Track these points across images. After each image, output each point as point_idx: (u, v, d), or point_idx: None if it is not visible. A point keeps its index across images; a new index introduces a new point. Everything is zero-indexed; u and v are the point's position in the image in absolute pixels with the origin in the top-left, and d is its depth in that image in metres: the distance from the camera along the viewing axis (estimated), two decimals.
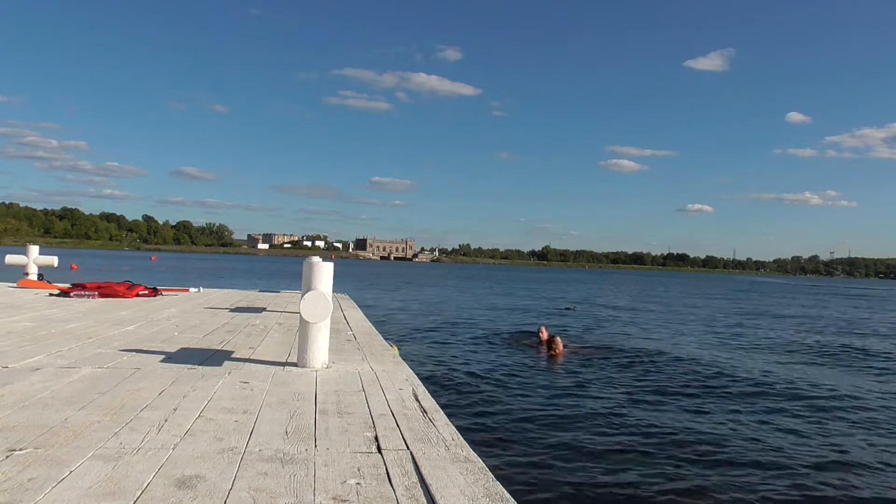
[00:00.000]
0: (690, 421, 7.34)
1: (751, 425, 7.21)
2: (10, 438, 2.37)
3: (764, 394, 9.04)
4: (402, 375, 3.98)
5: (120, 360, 4.06)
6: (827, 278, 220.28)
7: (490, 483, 2.13)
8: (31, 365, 3.80)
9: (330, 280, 4.09)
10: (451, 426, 2.82)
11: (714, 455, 6.05)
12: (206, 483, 2.02)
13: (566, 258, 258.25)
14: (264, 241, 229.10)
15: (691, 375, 10.34)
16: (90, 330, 5.44)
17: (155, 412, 2.84)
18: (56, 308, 7.08)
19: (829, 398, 8.90)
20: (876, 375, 11.28)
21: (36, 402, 2.93)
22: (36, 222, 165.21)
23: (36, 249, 10.54)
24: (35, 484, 1.95)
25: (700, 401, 8.39)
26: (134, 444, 2.38)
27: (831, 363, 12.59)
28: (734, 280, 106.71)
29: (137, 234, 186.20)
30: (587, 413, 7.48)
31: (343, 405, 3.13)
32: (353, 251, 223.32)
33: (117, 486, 1.96)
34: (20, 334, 5.00)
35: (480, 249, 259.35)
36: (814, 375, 10.82)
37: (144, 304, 8.08)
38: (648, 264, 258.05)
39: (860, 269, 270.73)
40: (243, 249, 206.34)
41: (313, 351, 4.04)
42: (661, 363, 11.51)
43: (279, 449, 2.40)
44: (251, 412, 2.91)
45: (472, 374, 9.72)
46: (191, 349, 4.68)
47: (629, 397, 8.39)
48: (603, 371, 10.48)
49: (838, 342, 16.18)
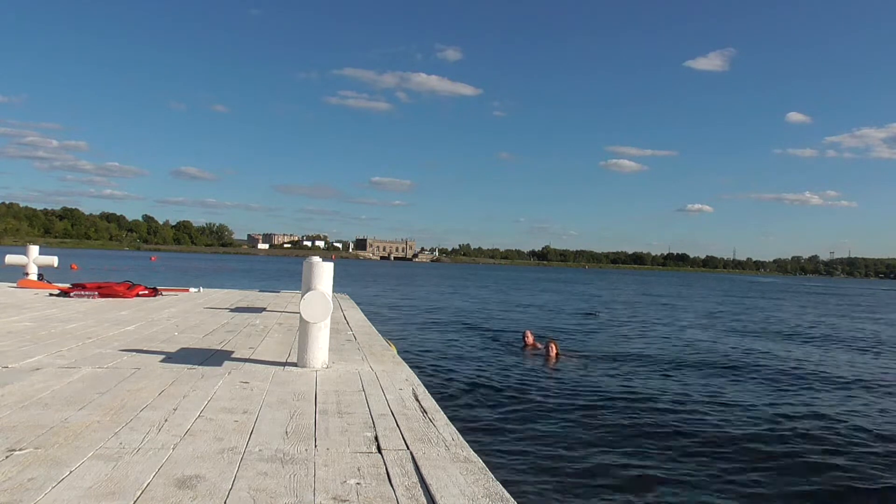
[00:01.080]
0: (692, 423, 7.34)
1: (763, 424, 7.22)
2: (10, 438, 2.37)
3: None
4: (402, 375, 3.98)
5: (120, 360, 4.06)
6: (827, 278, 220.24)
7: (490, 483, 2.13)
8: (31, 365, 3.80)
9: (330, 280, 4.09)
10: (451, 426, 2.82)
11: (714, 457, 6.06)
12: (206, 483, 2.02)
13: (566, 258, 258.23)
14: (264, 241, 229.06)
15: (702, 381, 10.35)
16: (90, 330, 5.44)
17: (155, 412, 2.84)
18: (56, 308, 7.08)
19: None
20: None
21: (36, 402, 2.93)
22: (36, 222, 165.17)
23: (36, 249, 10.54)
24: (35, 484, 1.95)
25: (707, 406, 8.39)
26: (134, 444, 2.38)
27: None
28: (747, 281, 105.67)
29: (137, 234, 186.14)
30: (586, 415, 7.48)
31: (343, 405, 3.13)
32: (353, 251, 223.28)
33: (117, 486, 1.96)
34: (20, 334, 5.00)
35: (480, 249, 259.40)
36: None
37: (144, 304, 8.08)
38: (648, 264, 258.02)
39: (860, 269, 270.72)
40: (243, 249, 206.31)
41: (313, 351, 4.04)
42: (662, 368, 11.51)
43: (279, 449, 2.40)
44: (251, 412, 2.91)
45: (472, 375, 9.72)
46: (191, 349, 4.68)
47: (628, 400, 8.39)
48: (601, 375, 10.48)
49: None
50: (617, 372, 10.50)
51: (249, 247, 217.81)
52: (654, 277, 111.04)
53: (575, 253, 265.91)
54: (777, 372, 11.03)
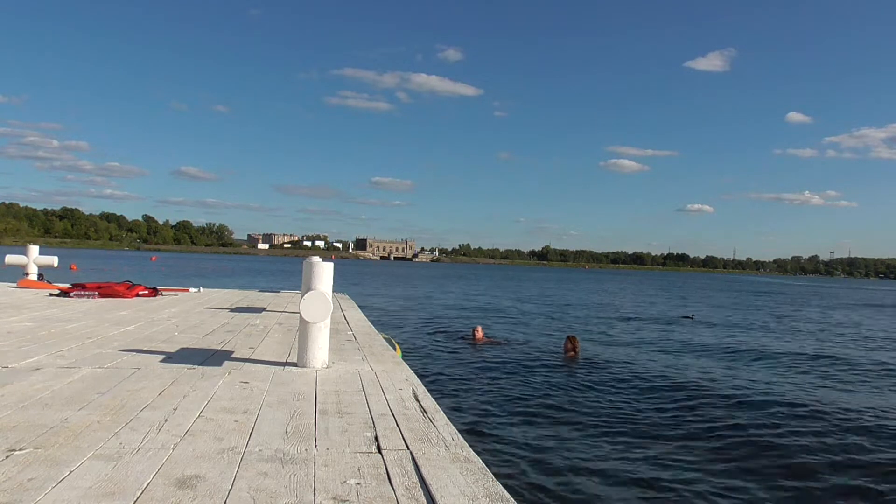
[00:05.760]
0: (698, 422, 7.33)
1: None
2: (10, 438, 2.37)
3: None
4: (402, 375, 3.98)
5: (120, 360, 4.06)
6: (827, 278, 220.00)
7: (490, 483, 2.12)
8: (31, 365, 3.80)
9: (330, 280, 4.09)
10: (451, 426, 2.81)
11: (718, 456, 6.05)
12: (206, 483, 2.02)
13: (566, 258, 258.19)
14: (264, 241, 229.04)
15: (716, 375, 10.33)
16: (90, 330, 5.44)
17: (155, 412, 2.84)
18: (56, 308, 7.08)
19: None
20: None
21: (36, 402, 2.93)
22: (36, 222, 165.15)
23: (36, 249, 10.53)
24: (35, 484, 1.95)
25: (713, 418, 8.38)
26: (134, 444, 2.37)
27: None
28: (755, 282, 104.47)
29: (137, 234, 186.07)
30: (589, 414, 7.47)
31: (343, 405, 3.12)
32: (353, 251, 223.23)
33: (117, 486, 1.96)
34: (20, 334, 5.00)
35: (480, 249, 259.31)
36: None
37: (144, 304, 8.07)
38: (648, 264, 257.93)
39: (860, 269, 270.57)
40: (243, 249, 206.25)
41: (313, 351, 4.04)
42: (669, 366, 11.50)
43: (279, 449, 2.40)
44: (251, 412, 2.91)
45: (472, 375, 9.72)
46: (191, 349, 4.68)
47: (636, 400, 8.38)
48: (614, 373, 10.47)
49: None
50: (618, 373, 10.48)
51: (249, 247, 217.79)
52: (665, 278, 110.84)
53: (575, 253, 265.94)
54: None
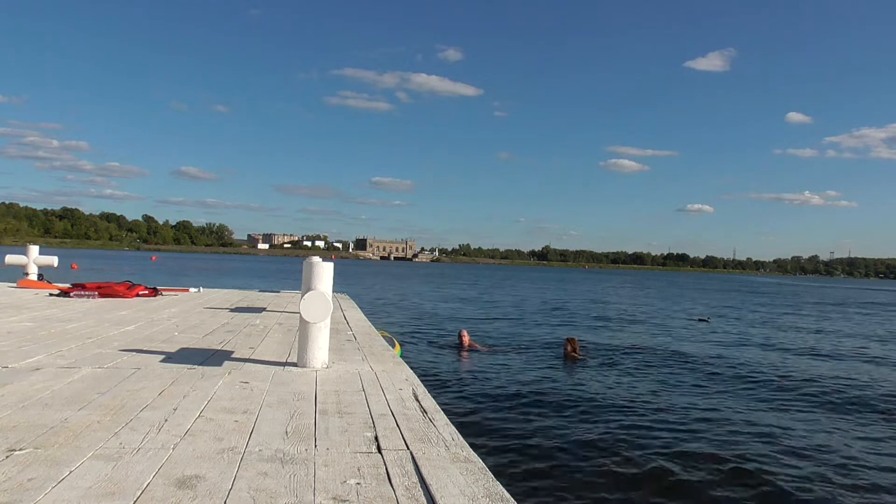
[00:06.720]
0: (694, 426, 7.34)
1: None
2: (10, 438, 2.37)
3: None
4: (402, 375, 3.98)
5: (120, 360, 4.06)
6: (827, 278, 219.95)
7: (490, 483, 2.12)
8: (31, 365, 3.80)
9: (330, 280, 4.08)
10: (451, 426, 2.81)
11: (718, 458, 6.06)
12: (206, 483, 2.02)
13: (566, 258, 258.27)
14: (264, 241, 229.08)
15: (710, 383, 10.33)
16: (90, 330, 5.44)
17: (155, 412, 2.84)
18: (56, 308, 7.07)
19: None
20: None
21: (36, 402, 2.93)
22: (36, 222, 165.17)
23: (36, 249, 10.53)
24: (35, 484, 1.95)
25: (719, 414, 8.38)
26: (134, 444, 2.37)
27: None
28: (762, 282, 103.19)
29: (137, 234, 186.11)
30: (589, 414, 7.47)
31: (343, 405, 3.12)
32: (353, 251, 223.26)
33: (117, 486, 1.96)
34: (20, 334, 5.00)
35: (480, 249, 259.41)
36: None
37: (144, 304, 8.07)
38: (648, 264, 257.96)
39: (860, 269, 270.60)
40: (243, 249, 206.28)
41: (313, 351, 4.04)
42: (666, 370, 11.50)
43: (279, 449, 2.39)
44: (251, 412, 2.91)
45: (472, 375, 9.72)
46: (191, 349, 4.68)
47: (634, 400, 8.38)
48: (605, 377, 10.47)
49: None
50: (618, 373, 10.49)
51: (249, 247, 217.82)
52: (672, 278, 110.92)
53: (575, 253, 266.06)
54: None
